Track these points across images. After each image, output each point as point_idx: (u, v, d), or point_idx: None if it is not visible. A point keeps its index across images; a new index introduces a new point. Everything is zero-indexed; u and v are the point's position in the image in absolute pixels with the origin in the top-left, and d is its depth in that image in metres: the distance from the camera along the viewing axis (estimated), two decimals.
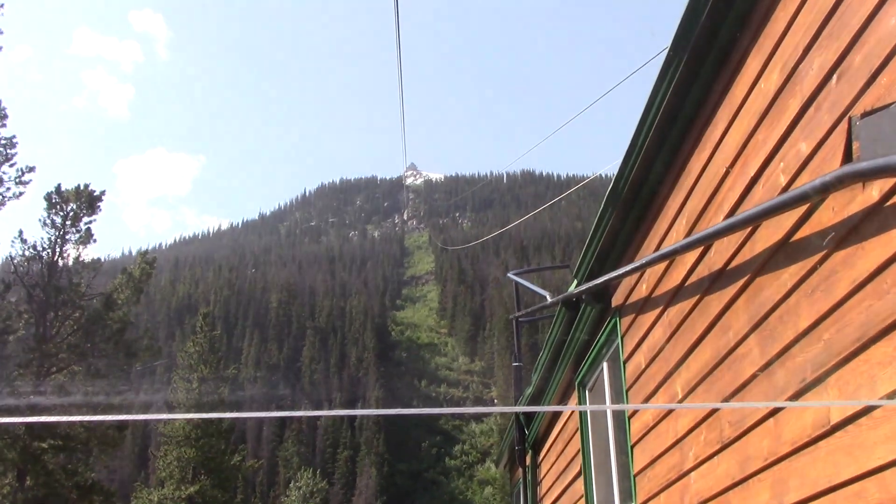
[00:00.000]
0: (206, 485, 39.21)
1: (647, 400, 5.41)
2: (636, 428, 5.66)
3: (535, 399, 9.20)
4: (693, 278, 4.58)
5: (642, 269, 4.97)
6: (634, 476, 5.65)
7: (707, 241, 4.02)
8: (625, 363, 5.98)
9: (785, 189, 3.47)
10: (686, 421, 4.64)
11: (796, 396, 3.31)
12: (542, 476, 9.62)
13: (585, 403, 7.52)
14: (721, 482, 4.08)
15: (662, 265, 5.05)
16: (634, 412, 5.71)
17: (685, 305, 4.68)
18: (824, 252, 3.13)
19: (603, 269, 6.27)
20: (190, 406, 39.88)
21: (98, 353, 25.49)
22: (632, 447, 5.74)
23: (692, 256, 4.55)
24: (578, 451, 7.51)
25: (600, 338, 6.66)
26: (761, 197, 3.68)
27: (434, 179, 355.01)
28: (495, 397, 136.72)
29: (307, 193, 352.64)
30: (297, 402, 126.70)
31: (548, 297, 7.77)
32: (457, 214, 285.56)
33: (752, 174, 3.80)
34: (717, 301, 4.20)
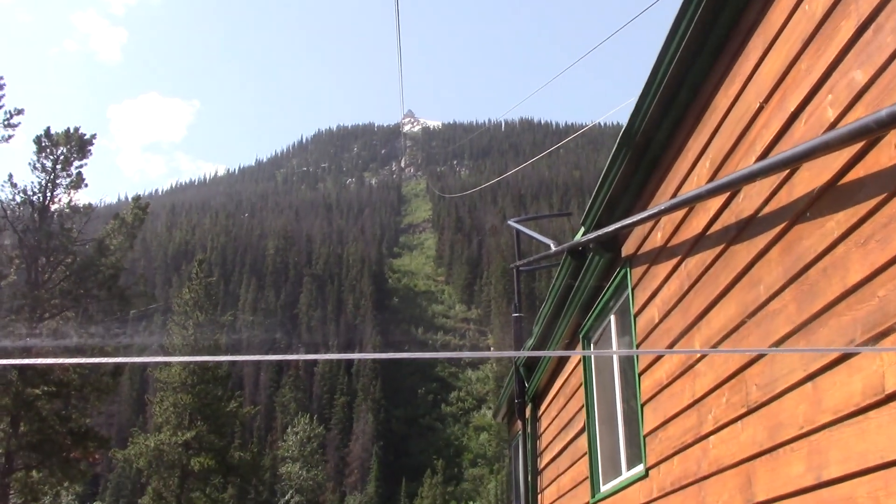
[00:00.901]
0: (203, 431, 39.23)
1: (661, 357, 5.05)
2: (647, 385, 5.31)
3: (536, 350, 8.86)
4: (717, 226, 4.18)
5: (658, 216, 4.57)
6: (644, 437, 5.32)
7: (736, 186, 3.61)
8: (635, 316, 5.61)
9: (833, 125, 3.05)
10: (706, 381, 4.28)
11: (842, 360, 2.94)
12: (542, 430, 9.34)
13: (590, 358, 7.18)
14: (745, 449, 3.73)
15: (681, 212, 4.65)
16: (646, 369, 5.36)
17: (707, 256, 4.29)
18: (882, 196, 2.73)
19: (613, 217, 5.87)
20: (186, 352, 39.73)
21: (91, 299, 25.15)
22: (642, 406, 5.40)
23: (717, 202, 4.15)
24: (582, 407, 7.19)
25: (608, 289, 6.28)
26: (803, 134, 3.27)
27: (432, 127, 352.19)
28: (491, 345, 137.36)
29: (304, 140, 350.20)
30: (294, 348, 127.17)
31: (552, 245, 7.38)
32: (454, 162, 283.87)
33: (791, 109, 3.38)
34: (745, 251, 3.80)
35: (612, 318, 6.40)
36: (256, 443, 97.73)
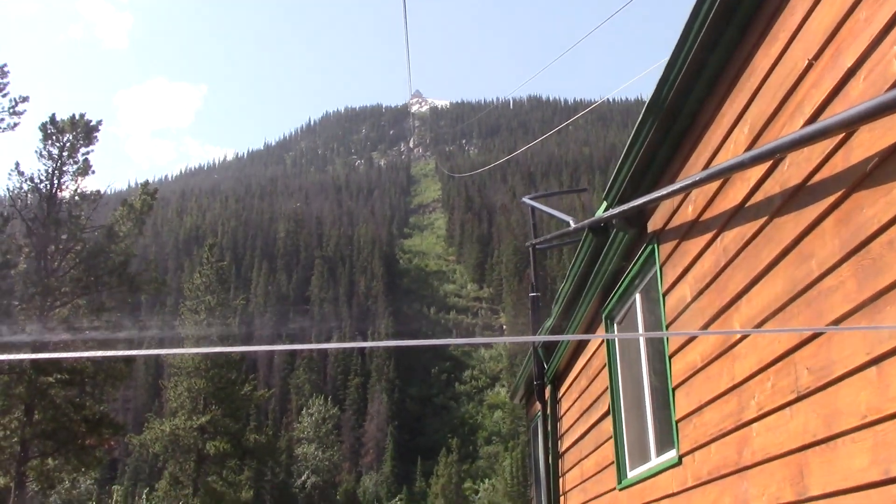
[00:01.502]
0: (218, 414, 39.27)
1: (694, 338, 4.74)
2: (679, 368, 5.00)
3: (556, 332, 8.57)
4: (758, 197, 3.85)
5: (689, 188, 4.23)
6: (677, 422, 5.02)
7: (782, 153, 3.28)
8: (664, 295, 5.29)
9: None
10: (747, 364, 3.97)
11: None
12: (563, 412, 9.06)
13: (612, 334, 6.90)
14: (795, 439, 3.43)
15: (715, 184, 4.33)
16: (677, 351, 5.05)
17: (747, 229, 3.97)
18: None
19: (638, 191, 5.55)
20: (199, 337, 39.66)
21: (101, 287, 24.97)
22: (673, 389, 5.10)
23: (757, 171, 3.82)
24: (606, 389, 6.91)
25: (633, 267, 5.97)
26: (862, 93, 2.94)
27: (440, 106, 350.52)
28: (504, 324, 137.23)
29: (312, 122, 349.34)
30: (306, 331, 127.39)
31: (570, 222, 7.06)
32: (463, 141, 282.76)
33: (848, 65, 3.04)
34: (792, 223, 3.48)
35: (638, 297, 6.09)
36: (272, 425, 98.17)
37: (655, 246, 5.45)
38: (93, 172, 25.77)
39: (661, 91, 4.70)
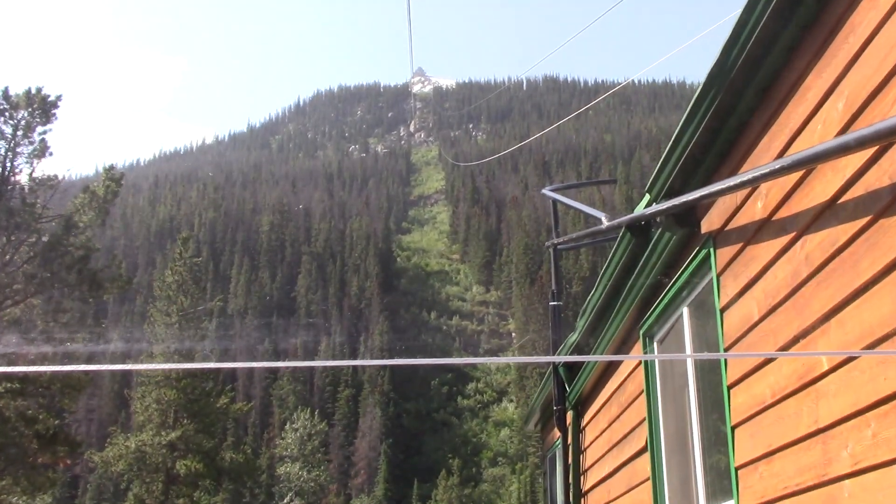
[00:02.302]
0: (190, 430, 38.91)
1: (761, 367, 4.26)
2: (742, 403, 4.52)
3: (581, 349, 8.10)
4: (857, 191, 3.37)
5: (760, 180, 3.73)
6: (737, 469, 4.54)
7: (893, 136, 2.80)
8: (722, 311, 4.81)
9: None
10: (838, 403, 3.48)
11: None
12: (587, 443, 8.60)
13: (654, 360, 6.43)
14: None
15: (795, 174, 3.83)
16: (739, 380, 4.57)
17: (839, 233, 3.49)
18: None
19: (691, 183, 5.08)
20: (170, 344, 39.27)
21: (58, 284, 24.57)
22: (733, 428, 4.62)
23: (856, 160, 3.33)
24: (643, 420, 6.44)
25: (681, 275, 5.49)
26: None
27: (444, 86, 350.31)
28: (513, 331, 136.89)
29: (301, 102, 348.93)
30: (291, 337, 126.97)
31: (603, 219, 6.58)
32: (470, 126, 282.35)
33: None
34: None
35: (685, 311, 5.62)
36: (252, 440, 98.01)
37: (711, 250, 4.97)
38: (51, 154, 25.38)
39: (727, 57, 4.21)
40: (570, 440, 8.92)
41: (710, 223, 5.03)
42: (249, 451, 44.98)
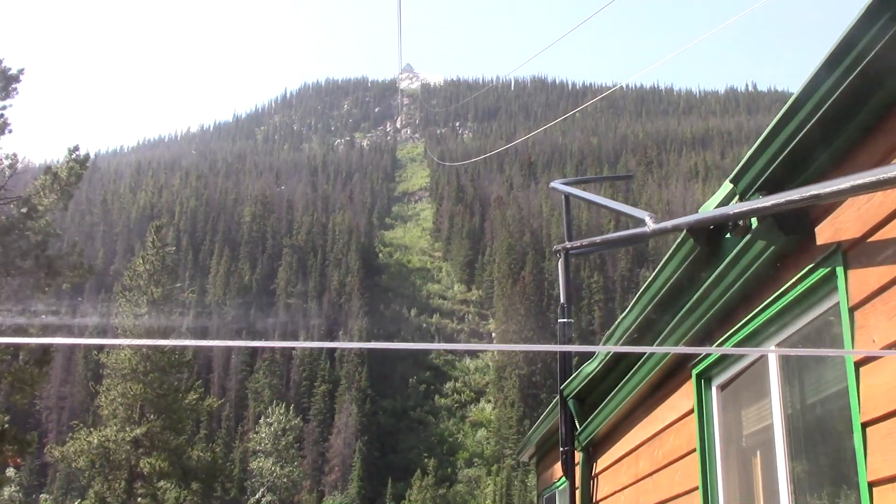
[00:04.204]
0: (156, 426, 37.14)
1: None
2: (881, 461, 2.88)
3: (599, 383, 6.46)
4: None
5: None
6: None
7: None
8: (859, 365, 3.17)
9: None
10: None
11: None
12: (600, 494, 6.97)
13: (710, 405, 4.78)
14: None
15: None
16: (875, 419, 2.94)
17: None
18: None
19: (805, 174, 3.45)
20: (139, 335, 37.44)
21: (14, 270, 22.77)
22: (870, 485, 3.00)
23: None
24: (692, 490, 4.80)
25: (776, 300, 3.83)
26: None
27: (432, 83, 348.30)
28: (493, 331, 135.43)
29: (288, 94, 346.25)
30: (270, 328, 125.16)
31: (647, 219, 4.92)
32: (457, 124, 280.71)
33: None
34: None
35: (774, 353, 3.96)
36: (225, 434, 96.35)
37: (840, 270, 3.31)
38: (10, 131, 23.52)
39: None
40: (578, 487, 7.28)
41: (835, 231, 3.38)
42: (218, 449, 43.20)
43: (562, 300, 7.61)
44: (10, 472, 74.66)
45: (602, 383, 6.58)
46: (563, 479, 8.05)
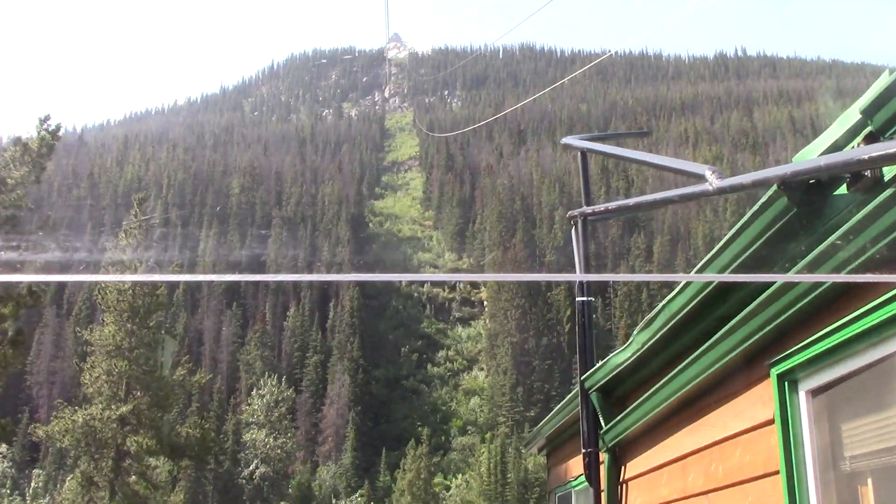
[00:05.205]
0: (143, 403, 35.96)
1: None
2: None
3: (633, 373, 5.30)
4: None
5: None
6: None
7: None
8: None
9: None
10: None
11: None
12: (628, 502, 5.84)
13: (798, 415, 3.62)
14: None
15: None
16: None
17: None
18: None
19: None
20: (122, 311, 36.19)
21: None
22: None
23: None
24: None
25: None
26: None
27: (420, 52, 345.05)
28: (485, 299, 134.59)
29: (275, 65, 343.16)
30: (260, 300, 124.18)
31: (708, 173, 3.73)
32: (445, 93, 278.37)
33: None
34: None
35: None
36: (217, 407, 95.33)
37: None
38: None
39: None
40: (603, 490, 6.14)
41: None
42: (209, 423, 42.10)
43: (580, 278, 6.42)
44: (3, 448, 73.77)
45: (635, 375, 5.42)
46: (581, 479, 6.94)
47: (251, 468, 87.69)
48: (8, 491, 76.97)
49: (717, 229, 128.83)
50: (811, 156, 3.11)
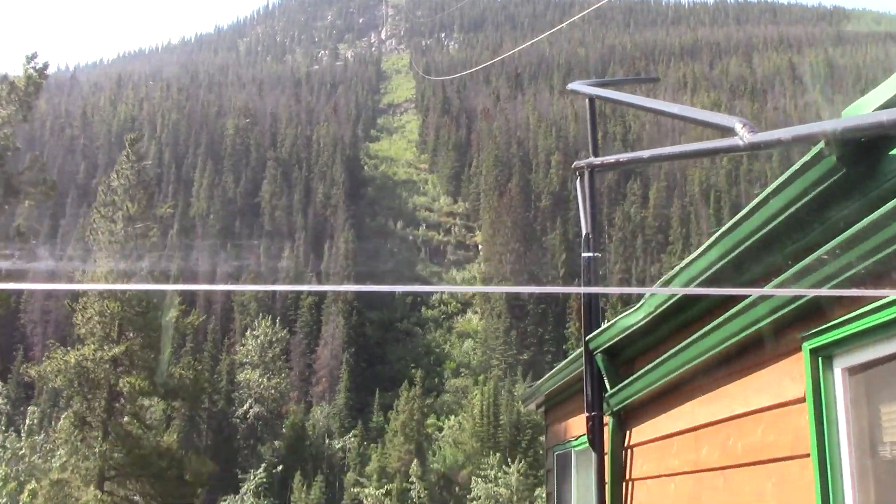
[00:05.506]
0: (135, 344, 35.76)
1: None
2: None
3: (633, 340, 4.95)
4: None
5: None
6: None
7: None
8: None
9: None
10: None
11: None
12: (635, 472, 5.54)
13: (832, 396, 3.27)
14: None
15: None
16: None
17: None
18: None
19: None
20: (114, 251, 35.79)
21: None
22: None
23: None
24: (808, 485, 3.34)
25: None
26: None
27: None
28: (480, 243, 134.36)
29: (270, 5, 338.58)
30: (255, 241, 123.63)
31: (738, 126, 3.33)
32: (442, 35, 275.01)
33: None
34: None
35: None
36: (211, 347, 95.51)
37: None
38: None
39: None
40: (607, 454, 5.83)
41: None
42: (200, 367, 41.91)
43: (584, 229, 6.02)
44: None
45: (646, 338, 5.07)
46: (581, 440, 6.65)
47: (245, 408, 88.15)
48: (3, 427, 77.26)
49: (714, 175, 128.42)
50: (864, 111, 2.71)
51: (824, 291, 3.08)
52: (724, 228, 3.69)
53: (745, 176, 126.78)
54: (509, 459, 79.72)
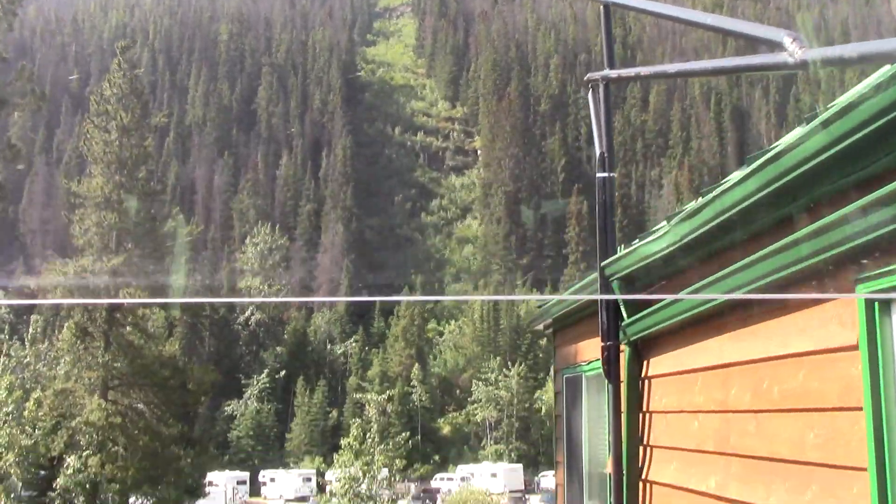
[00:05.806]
0: (134, 254, 35.51)
1: None
2: None
3: (653, 269, 4.59)
4: None
5: None
6: None
7: None
8: None
9: None
10: None
11: None
12: (654, 404, 5.26)
13: (886, 342, 2.92)
14: None
15: None
16: None
17: None
18: None
19: None
20: (109, 162, 35.18)
21: None
22: None
23: None
24: (858, 470, 3.01)
25: None
26: None
27: None
28: (478, 148, 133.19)
29: None
30: (252, 149, 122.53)
31: (787, 40, 2.88)
32: None
33: None
34: None
35: None
36: (211, 255, 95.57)
37: None
38: None
39: None
40: (623, 382, 5.53)
41: None
42: (201, 276, 41.80)
43: (598, 148, 5.58)
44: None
45: (668, 268, 4.70)
46: (593, 364, 6.36)
47: (247, 315, 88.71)
48: (6, 336, 77.78)
49: (715, 79, 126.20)
50: None
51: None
52: (769, 153, 3.26)
53: (746, 77, 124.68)
54: (509, 363, 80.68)
